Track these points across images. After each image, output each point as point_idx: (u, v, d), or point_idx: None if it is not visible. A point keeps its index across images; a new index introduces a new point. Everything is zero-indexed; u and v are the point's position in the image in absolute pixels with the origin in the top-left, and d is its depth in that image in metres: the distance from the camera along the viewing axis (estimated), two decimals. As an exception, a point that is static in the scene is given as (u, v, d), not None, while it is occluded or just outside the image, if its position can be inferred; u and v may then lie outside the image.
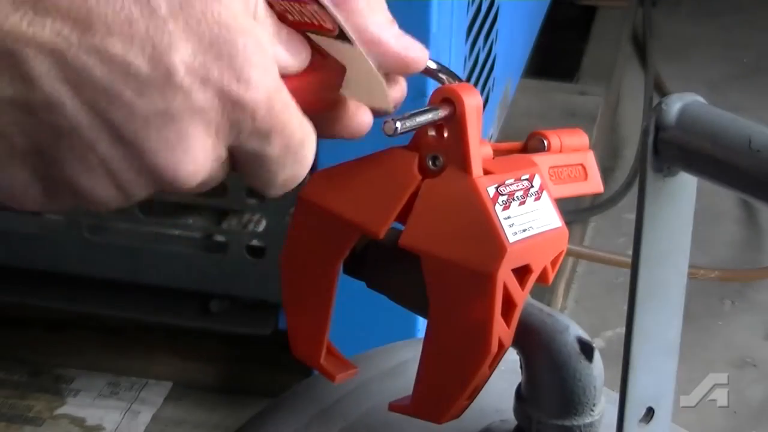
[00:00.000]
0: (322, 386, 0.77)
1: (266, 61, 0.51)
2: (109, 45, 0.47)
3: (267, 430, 0.76)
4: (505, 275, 0.60)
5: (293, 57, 0.54)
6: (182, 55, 0.48)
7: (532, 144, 0.68)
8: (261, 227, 1.57)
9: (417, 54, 0.59)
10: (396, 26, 0.59)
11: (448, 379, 0.63)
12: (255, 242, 1.56)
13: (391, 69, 0.59)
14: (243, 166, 0.53)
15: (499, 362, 0.63)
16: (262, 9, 0.52)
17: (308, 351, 0.68)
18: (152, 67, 0.48)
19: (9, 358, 1.82)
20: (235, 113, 0.50)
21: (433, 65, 0.62)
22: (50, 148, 0.49)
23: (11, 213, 1.62)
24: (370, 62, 0.56)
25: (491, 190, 0.61)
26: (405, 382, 0.74)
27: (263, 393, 1.68)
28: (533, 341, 0.64)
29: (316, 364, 0.68)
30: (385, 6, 0.58)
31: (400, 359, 0.79)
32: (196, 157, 0.50)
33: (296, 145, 0.54)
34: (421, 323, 0.63)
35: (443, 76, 0.63)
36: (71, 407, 1.75)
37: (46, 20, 0.46)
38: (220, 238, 1.59)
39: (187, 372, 1.79)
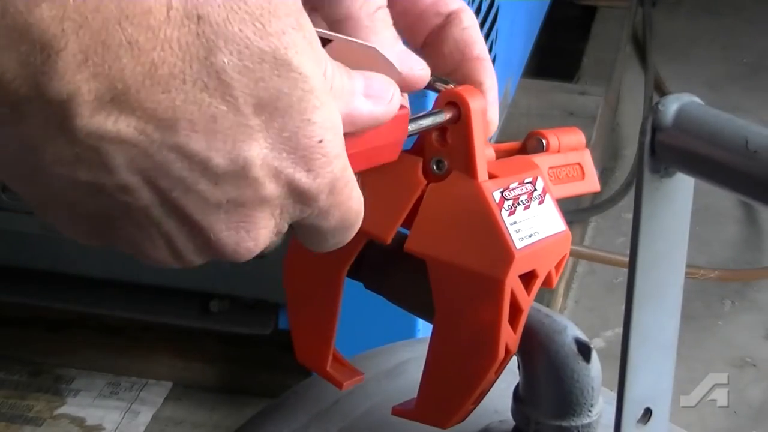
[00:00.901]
0: (322, 386, 0.77)
1: (337, 147, 0.51)
2: (191, 142, 0.48)
3: (267, 430, 0.76)
4: (512, 282, 0.60)
5: (378, 107, 0.55)
6: (259, 150, 0.49)
7: (531, 144, 0.67)
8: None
9: (420, 73, 0.59)
10: (400, 43, 0.59)
11: (453, 385, 0.63)
12: (255, 242, 1.55)
13: None
14: (298, 233, 0.55)
15: (505, 367, 0.63)
16: (340, 77, 0.52)
17: (314, 358, 0.68)
18: (230, 161, 0.49)
19: (9, 358, 1.82)
20: (300, 199, 0.52)
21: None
22: (114, 217, 0.50)
23: (11, 213, 1.62)
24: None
25: (497, 195, 0.60)
26: (405, 382, 0.74)
27: (263, 393, 1.68)
28: (531, 342, 0.64)
29: (323, 371, 0.68)
30: (389, 22, 0.59)
31: (399, 359, 0.79)
32: (257, 237, 0.52)
33: (352, 218, 0.55)
34: (421, 323, 0.64)
35: (438, 85, 0.62)
36: (71, 407, 1.75)
37: (130, 119, 0.46)
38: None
39: (187, 372, 1.79)
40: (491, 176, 0.61)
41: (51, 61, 0.44)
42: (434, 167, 0.62)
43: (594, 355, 0.65)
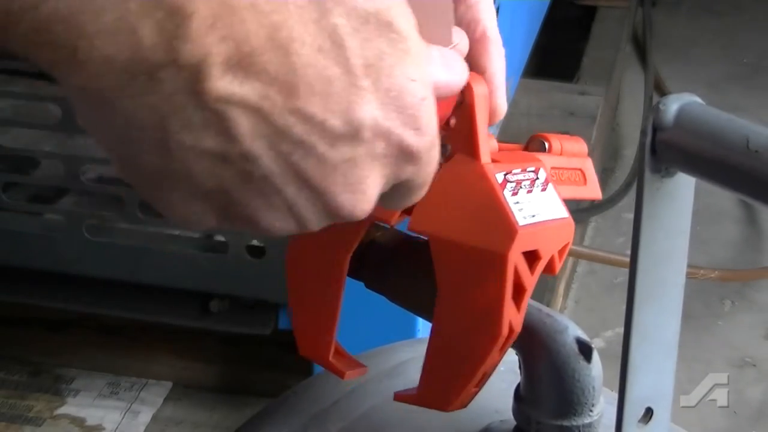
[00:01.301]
0: (322, 386, 0.77)
1: (434, 106, 0.54)
2: (309, 105, 0.49)
3: (267, 430, 0.76)
4: (516, 257, 0.60)
5: (453, 76, 0.57)
6: (370, 110, 0.51)
7: (533, 146, 0.68)
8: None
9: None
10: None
11: (457, 365, 0.63)
12: (255, 242, 1.56)
13: None
14: (389, 192, 0.56)
15: (508, 348, 0.62)
16: (430, 48, 0.54)
17: (316, 349, 0.68)
18: (345, 122, 0.50)
19: (9, 358, 1.82)
20: (406, 157, 0.53)
21: None
22: (236, 190, 0.51)
23: (11, 213, 1.62)
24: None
25: (500, 177, 0.61)
26: (405, 382, 0.74)
27: (263, 393, 1.69)
28: (532, 341, 0.64)
29: (325, 362, 0.68)
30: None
31: (400, 359, 0.79)
32: (371, 196, 0.54)
33: (432, 176, 0.56)
34: (421, 323, 0.63)
35: None
36: (71, 407, 1.75)
37: (255, 83, 0.48)
38: (220, 237, 1.59)
39: (187, 372, 1.79)
40: (494, 162, 0.62)
41: (184, 26, 0.46)
42: None
43: (595, 355, 0.65)
